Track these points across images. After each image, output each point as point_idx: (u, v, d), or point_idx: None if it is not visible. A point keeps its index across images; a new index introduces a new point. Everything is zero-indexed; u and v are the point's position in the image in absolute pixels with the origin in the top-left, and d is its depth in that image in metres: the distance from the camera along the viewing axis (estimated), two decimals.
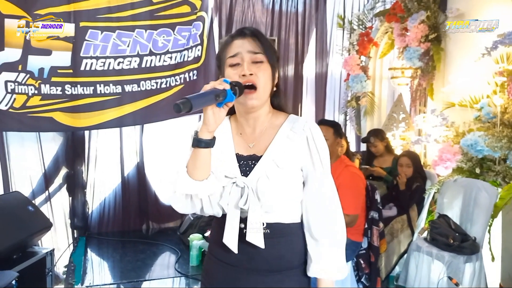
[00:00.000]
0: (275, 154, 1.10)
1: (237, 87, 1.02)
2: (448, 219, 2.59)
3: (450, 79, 3.12)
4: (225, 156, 1.13)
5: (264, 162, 1.10)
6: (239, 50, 1.08)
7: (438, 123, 3.07)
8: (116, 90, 3.40)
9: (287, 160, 1.10)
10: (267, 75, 1.09)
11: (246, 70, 1.06)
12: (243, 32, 1.10)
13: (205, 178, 1.05)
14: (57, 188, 3.66)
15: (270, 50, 1.09)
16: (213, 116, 1.00)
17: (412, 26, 3.22)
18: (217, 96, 0.96)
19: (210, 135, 1.03)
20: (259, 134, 1.15)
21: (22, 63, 3.05)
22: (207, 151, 1.04)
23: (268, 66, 1.09)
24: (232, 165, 1.12)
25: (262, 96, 1.09)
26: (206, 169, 1.05)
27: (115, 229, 3.94)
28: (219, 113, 1.00)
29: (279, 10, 4.51)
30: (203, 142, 1.02)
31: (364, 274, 2.34)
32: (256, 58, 1.08)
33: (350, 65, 4.29)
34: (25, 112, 3.08)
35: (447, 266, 2.38)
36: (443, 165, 2.86)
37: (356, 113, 4.58)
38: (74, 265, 3.16)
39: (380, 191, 3.30)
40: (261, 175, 1.08)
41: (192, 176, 1.04)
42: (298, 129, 1.12)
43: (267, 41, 1.10)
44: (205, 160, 1.04)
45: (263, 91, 1.08)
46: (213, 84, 0.98)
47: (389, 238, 2.86)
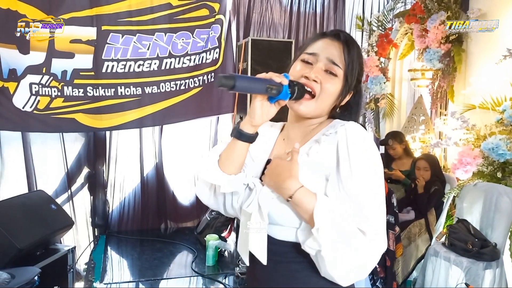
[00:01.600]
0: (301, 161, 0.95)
1: (297, 87, 0.92)
2: (467, 224, 2.54)
3: (471, 81, 3.06)
4: (259, 160, 1.03)
5: None
6: (319, 51, 0.96)
7: (458, 126, 3.00)
8: (136, 92, 3.48)
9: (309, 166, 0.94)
10: (334, 90, 0.96)
11: (312, 74, 0.94)
12: (337, 34, 0.98)
13: (234, 173, 0.97)
14: (79, 187, 3.77)
15: (352, 66, 0.96)
16: (261, 110, 0.91)
17: (432, 27, 3.16)
18: (269, 87, 0.87)
19: (252, 129, 0.94)
20: (299, 141, 1.01)
21: (46, 65, 3.15)
22: (244, 145, 0.95)
23: (340, 82, 0.96)
24: (258, 170, 1.02)
25: (317, 108, 0.96)
26: (239, 164, 0.97)
27: (134, 228, 4.02)
28: (268, 108, 0.91)
29: (297, 11, 4.51)
30: (243, 135, 0.94)
31: (379, 278, 2.31)
32: (331, 68, 0.95)
33: (368, 66, 4.24)
34: (48, 113, 3.18)
35: (465, 272, 2.33)
36: (463, 168, 2.80)
37: (375, 115, 4.53)
38: (94, 262, 3.25)
39: (398, 195, 3.28)
40: None
41: (221, 167, 0.96)
42: (331, 132, 0.94)
43: (354, 55, 0.96)
44: (240, 154, 0.96)
45: (320, 103, 0.96)
46: (271, 74, 0.89)
47: (406, 242, 2.82)
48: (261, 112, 0.91)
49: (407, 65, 4.42)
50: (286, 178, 0.91)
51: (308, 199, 0.89)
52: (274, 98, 0.90)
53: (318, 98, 0.95)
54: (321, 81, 0.94)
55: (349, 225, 0.87)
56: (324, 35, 0.99)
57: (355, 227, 0.87)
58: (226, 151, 0.97)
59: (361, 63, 0.99)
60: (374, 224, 0.88)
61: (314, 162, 0.93)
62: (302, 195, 0.89)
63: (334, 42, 0.96)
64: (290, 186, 0.90)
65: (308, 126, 1.02)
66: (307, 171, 0.93)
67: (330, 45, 0.96)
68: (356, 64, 0.97)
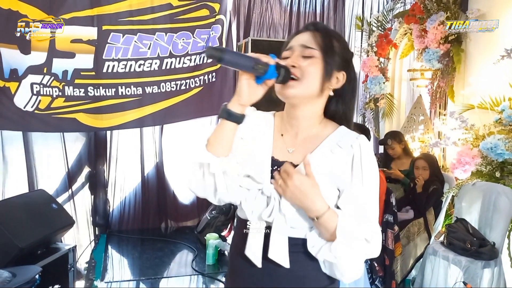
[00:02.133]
0: (313, 167, 0.96)
1: (284, 69, 0.95)
2: (466, 223, 2.55)
3: (470, 81, 3.07)
4: (260, 157, 1.02)
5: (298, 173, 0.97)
6: (293, 43, 1.01)
7: (457, 126, 3.02)
8: (137, 91, 3.49)
9: (324, 177, 0.97)
10: (314, 70, 0.97)
11: (289, 61, 0.98)
12: (308, 26, 1.03)
13: (222, 155, 0.96)
14: (79, 187, 3.78)
15: (328, 48, 0.99)
16: (248, 89, 0.93)
17: (431, 27, 3.18)
18: (256, 65, 0.90)
19: (240, 109, 0.95)
20: (302, 141, 1.03)
21: (47, 66, 3.17)
22: (232, 126, 0.96)
23: (319, 61, 0.98)
24: (264, 169, 1.00)
25: (305, 89, 0.98)
26: (227, 146, 0.97)
27: (135, 227, 4.04)
28: (255, 88, 0.93)
29: (297, 11, 4.53)
30: (231, 115, 0.95)
31: (378, 277, 2.33)
32: (305, 52, 0.99)
33: (368, 66, 4.26)
34: (49, 113, 3.20)
35: (464, 271, 2.34)
36: (462, 168, 2.81)
37: (375, 115, 4.55)
38: (94, 261, 3.26)
39: (397, 194, 3.29)
40: None
41: (210, 149, 0.96)
42: (345, 144, 0.99)
43: (330, 40, 1.00)
44: (228, 136, 0.96)
45: (306, 84, 0.97)
46: (259, 55, 0.92)
47: (405, 242, 2.84)
48: (248, 92, 0.93)
49: (406, 65, 4.45)
50: (315, 199, 0.94)
51: (333, 219, 0.95)
52: (261, 78, 0.93)
53: (303, 80, 0.97)
54: (299, 65, 0.97)
55: (360, 240, 0.95)
56: (298, 31, 1.04)
57: (363, 239, 0.96)
58: (214, 133, 0.98)
59: (342, 42, 1.03)
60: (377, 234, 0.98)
61: (330, 173, 0.98)
62: (328, 217, 0.94)
63: (306, 33, 1.01)
64: (319, 208, 0.94)
65: (301, 120, 1.03)
66: (323, 179, 0.97)
67: (302, 35, 1.01)
68: (335, 42, 1.00)
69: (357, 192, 0.97)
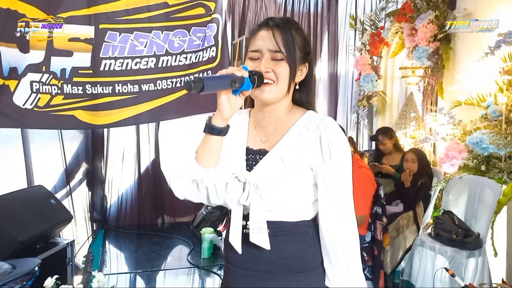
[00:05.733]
0: (283, 150, 1.05)
1: (256, 76, 1.00)
2: (452, 215, 2.64)
3: (458, 78, 3.16)
4: (235, 148, 1.10)
5: (269, 157, 1.05)
6: (260, 46, 1.04)
7: (446, 122, 3.11)
8: (133, 89, 3.54)
9: (295, 157, 1.04)
10: (286, 71, 1.04)
11: (263, 68, 1.03)
12: (266, 23, 1.06)
13: (212, 166, 1.03)
14: (77, 183, 3.85)
15: (291, 46, 1.04)
16: (228, 103, 0.98)
17: (420, 26, 3.26)
18: (233, 82, 0.94)
19: (223, 123, 1.01)
20: (274, 130, 1.10)
21: (45, 64, 3.22)
22: (218, 138, 1.02)
23: (286, 63, 1.04)
24: (239, 158, 1.09)
25: (277, 91, 1.05)
26: (215, 157, 1.04)
27: (132, 222, 4.11)
28: (235, 100, 0.99)
29: (291, 11, 4.61)
30: (215, 129, 1.00)
31: (367, 266, 2.41)
32: (275, 56, 1.04)
33: (361, 64, 4.34)
34: (48, 110, 3.25)
35: (449, 260, 2.43)
36: (449, 162, 2.90)
37: (368, 112, 4.63)
38: (92, 255, 3.33)
39: (387, 188, 3.38)
40: (264, 171, 1.04)
41: (200, 162, 1.03)
42: (312, 126, 1.06)
43: (291, 36, 1.04)
44: (216, 147, 1.03)
45: (280, 86, 1.05)
46: (232, 69, 0.96)
47: (394, 234, 2.92)
48: (229, 106, 0.99)
49: (399, 63, 4.53)
50: None
51: None
52: (238, 90, 0.98)
53: (278, 83, 1.04)
54: (273, 69, 1.03)
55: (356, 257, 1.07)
56: (260, 26, 1.07)
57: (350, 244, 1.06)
58: (201, 147, 1.04)
59: (303, 36, 1.08)
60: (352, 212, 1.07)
61: (301, 155, 1.04)
62: None
63: (268, 32, 1.04)
64: None
65: (273, 112, 1.10)
66: (296, 161, 1.04)
67: (266, 36, 1.04)
68: (296, 40, 1.05)
69: (329, 171, 1.03)
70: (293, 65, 1.04)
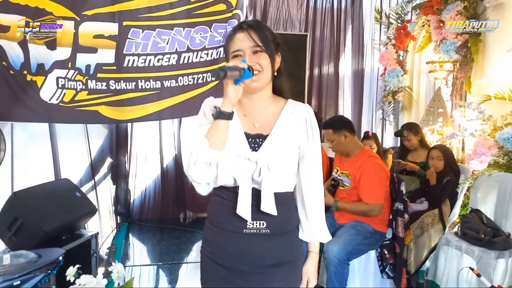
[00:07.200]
0: (280, 132, 1.27)
1: (251, 68, 1.19)
2: (480, 213, 2.53)
3: (488, 71, 3.02)
4: (233, 133, 1.25)
5: (271, 139, 1.25)
6: (240, 47, 1.23)
7: (474, 117, 2.98)
8: (156, 85, 3.59)
9: (289, 138, 1.27)
10: (266, 62, 1.24)
11: (250, 62, 1.21)
12: (242, 27, 1.26)
13: (222, 148, 1.20)
14: (102, 177, 3.94)
15: (267, 41, 1.23)
16: (234, 91, 1.17)
17: (447, 17, 3.14)
18: (241, 71, 1.14)
19: (231, 108, 1.18)
20: (263, 116, 1.30)
21: (71, 60, 3.31)
22: (226, 123, 1.19)
23: (265, 54, 1.23)
24: (242, 142, 1.26)
25: (263, 79, 1.25)
26: (224, 140, 1.20)
27: (155, 217, 4.17)
28: (238, 89, 1.18)
29: (314, 6, 4.54)
30: (225, 115, 1.17)
31: (388, 264, 2.34)
32: (255, 50, 1.23)
33: (386, 59, 4.23)
34: (73, 106, 3.34)
35: (477, 260, 2.33)
36: (478, 159, 2.78)
37: (393, 108, 4.51)
38: (115, 247, 3.40)
39: (413, 186, 3.28)
40: (269, 151, 1.23)
41: (212, 146, 1.18)
42: (298, 112, 1.31)
43: (264, 32, 1.24)
44: (225, 131, 1.19)
45: (266, 74, 1.25)
46: (235, 62, 1.17)
47: (419, 232, 2.83)
48: (235, 93, 1.18)
49: (426, 57, 4.38)
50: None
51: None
52: (239, 80, 1.16)
53: (263, 72, 1.23)
54: (257, 61, 1.22)
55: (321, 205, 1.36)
56: (235, 30, 1.26)
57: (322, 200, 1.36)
58: (213, 132, 1.19)
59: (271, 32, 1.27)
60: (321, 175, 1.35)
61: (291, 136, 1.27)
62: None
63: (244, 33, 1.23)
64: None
65: (260, 100, 1.29)
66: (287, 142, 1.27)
67: (243, 37, 1.24)
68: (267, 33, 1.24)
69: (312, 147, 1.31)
70: (272, 55, 1.24)
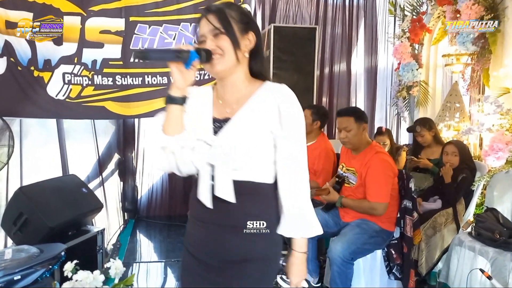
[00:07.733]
0: (245, 115, 1.18)
1: (203, 51, 1.13)
2: (496, 213, 2.38)
3: (507, 63, 2.86)
4: (201, 119, 1.21)
5: (233, 122, 1.17)
6: (202, 32, 1.18)
7: (492, 111, 2.83)
8: (162, 81, 3.56)
9: (256, 122, 1.17)
10: (227, 44, 1.16)
11: (208, 45, 1.16)
12: (203, 12, 1.21)
13: (177, 134, 1.14)
14: (109, 174, 3.94)
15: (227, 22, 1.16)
16: (179, 75, 1.11)
17: (463, 6, 2.99)
18: (178, 53, 1.07)
19: (179, 92, 1.12)
20: (236, 101, 1.22)
21: (77, 56, 3.31)
22: (178, 108, 1.13)
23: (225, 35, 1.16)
24: (206, 126, 1.20)
25: (226, 61, 1.16)
26: (177, 125, 1.14)
27: (162, 213, 4.15)
28: (187, 73, 1.11)
29: None
30: (173, 99, 1.12)
31: (395, 265, 2.23)
32: (213, 32, 1.16)
33: (400, 53, 4.10)
34: (80, 101, 3.34)
35: (491, 262, 2.19)
36: (495, 155, 2.63)
37: (408, 104, 4.36)
38: (120, 243, 3.39)
39: (426, 184, 3.14)
40: (229, 134, 1.16)
41: (165, 131, 1.14)
42: (270, 94, 1.19)
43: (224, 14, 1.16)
44: (176, 116, 1.14)
45: (228, 56, 1.16)
46: (180, 46, 1.12)
47: (431, 232, 2.70)
48: (181, 77, 1.11)
49: (442, 50, 4.22)
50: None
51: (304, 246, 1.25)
52: (188, 63, 1.10)
53: (224, 55, 1.15)
54: (216, 44, 1.15)
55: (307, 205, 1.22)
56: (199, 20, 1.19)
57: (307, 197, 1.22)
58: (165, 118, 1.15)
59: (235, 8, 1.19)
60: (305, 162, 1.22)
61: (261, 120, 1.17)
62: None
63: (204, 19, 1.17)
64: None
65: (233, 85, 1.21)
66: (257, 126, 1.16)
67: (204, 23, 1.18)
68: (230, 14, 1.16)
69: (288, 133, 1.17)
70: (233, 36, 1.15)
